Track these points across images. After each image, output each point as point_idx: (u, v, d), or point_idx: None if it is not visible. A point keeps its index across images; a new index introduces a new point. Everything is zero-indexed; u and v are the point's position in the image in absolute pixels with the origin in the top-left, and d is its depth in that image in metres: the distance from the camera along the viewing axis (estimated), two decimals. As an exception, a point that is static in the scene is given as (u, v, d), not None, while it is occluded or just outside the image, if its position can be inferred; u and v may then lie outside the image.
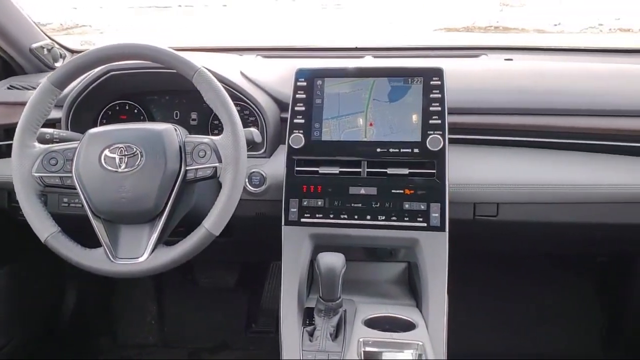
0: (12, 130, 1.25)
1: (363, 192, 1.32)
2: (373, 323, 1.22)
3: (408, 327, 1.21)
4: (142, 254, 1.18)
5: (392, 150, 1.32)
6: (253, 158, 1.42)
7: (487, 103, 1.46)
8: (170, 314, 2.25)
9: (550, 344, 2.04)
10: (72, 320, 2.10)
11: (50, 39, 1.90)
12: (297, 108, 1.37)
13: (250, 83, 1.48)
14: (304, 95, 1.37)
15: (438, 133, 1.31)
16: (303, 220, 1.32)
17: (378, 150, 1.33)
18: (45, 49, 1.86)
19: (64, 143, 1.26)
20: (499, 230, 1.46)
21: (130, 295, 2.25)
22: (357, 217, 1.31)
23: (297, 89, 1.38)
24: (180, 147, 1.20)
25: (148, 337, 2.23)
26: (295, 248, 1.31)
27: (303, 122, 1.36)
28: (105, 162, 1.18)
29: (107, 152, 1.19)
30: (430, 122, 1.32)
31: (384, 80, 1.37)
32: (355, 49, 1.89)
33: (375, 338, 1.17)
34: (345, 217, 1.31)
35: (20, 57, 1.82)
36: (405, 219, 1.29)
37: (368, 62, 1.69)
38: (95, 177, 1.18)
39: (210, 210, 1.17)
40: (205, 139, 1.21)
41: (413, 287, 1.41)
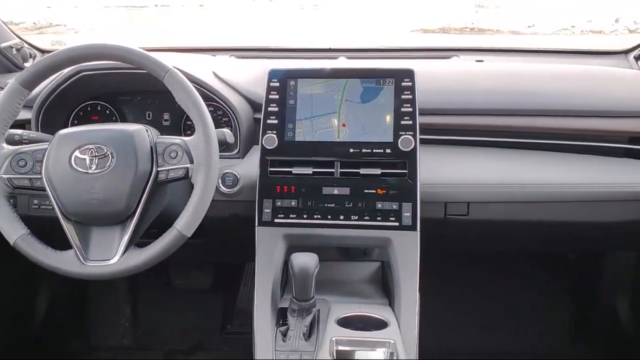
0: (-21, 132, 1.23)
1: (336, 192, 1.33)
2: (346, 322, 1.23)
3: (380, 325, 1.22)
4: (113, 256, 1.17)
5: (364, 151, 1.33)
6: (226, 159, 1.42)
7: (457, 104, 1.48)
8: (145, 316, 2.23)
9: (521, 340, 2.08)
10: (44, 324, 2.07)
11: (20, 39, 1.87)
12: (270, 109, 1.37)
13: (223, 83, 1.48)
14: (277, 96, 1.38)
15: (409, 134, 1.32)
16: (277, 221, 1.32)
17: (351, 151, 1.34)
18: (14, 49, 1.83)
19: (34, 144, 1.24)
20: (470, 229, 1.48)
21: (104, 298, 2.23)
22: (330, 217, 1.32)
23: (270, 90, 1.38)
24: (152, 147, 1.20)
25: (122, 339, 2.21)
26: (269, 249, 1.31)
27: (276, 122, 1.36)
28: (76, 163, 1.17)
29: (77, 153, 1.18)
30: (402, 122, 1.33)
31: (356, 82, 1.38)
32: (329, 50, 1.90)
33: (348, 337, 1.17)
34: (319, 217, 1.32)
35: (-12, 57, 1.79)
36: (378, 219, 1.30)
37: (341, 63, 1.69)
38: (66, 178, 1.17)
39: (182, 212, 1.16)
40: (177, 140, 1.20)
41: (386, 286, 1.42)
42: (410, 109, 1.33)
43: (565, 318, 2.11)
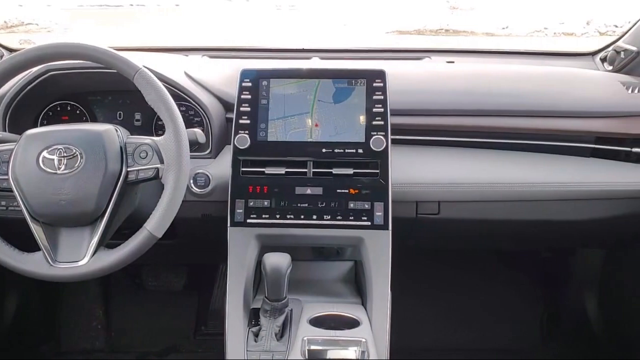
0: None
1: (309, 192, 1.33)
2: (318, 322, 1.23)
3: (352, 324, 1.23)
4: (82, 258, 1.16)
5: (337, 151, 1.34)
6: (198, 159, 1.41)
7: (428, 104, 1.50)
8: (117, 318, 2.21)
9: (493, 337, 2.11)
10: (13, 328, 2.03)
11: (-13, 38, 1.84)
12: (242, 108, 1.37)
13: (195, 83, 1.47)
14: (249, 96, 1.37)
15: (381, 134, 1.33)
16: (249, 221, 1.31)
17: (323, 151, 1.34)
18: (-19, 48, 1.80)
19: (0, 144, 1.22)
20: (441, 228, 1.49)
21: (76, 300, 2.19)
22: (303, 217, 1.32)
23: (242, 90, 1.38)
24: (122, 148, 1.19)
25: (94, 342, 2.17)
26: (241, 249, 1.31)
27: (248, 122, 1.36)
28: (44, 163, 1.16)
29: (45, 153, 1.16)
30: (374, 123, 1.34)
31: (329, 82, 1.38)
32: (302, 51, 1.90)
33: (319, 336, 1.18)
34: (292, 217, 1.32)
35: (-47, 56, 1.75)
36: (350, 218, 1.31)
37: (314, 63, 1.70)
38: (33, 179, 1.15)
39: (153, 212, 1.16)
40: (147, 140, 1.19)
41: (359, 285, 1.43)
42: (382, 110, 1.34)
43: (537, 315, 2.15)
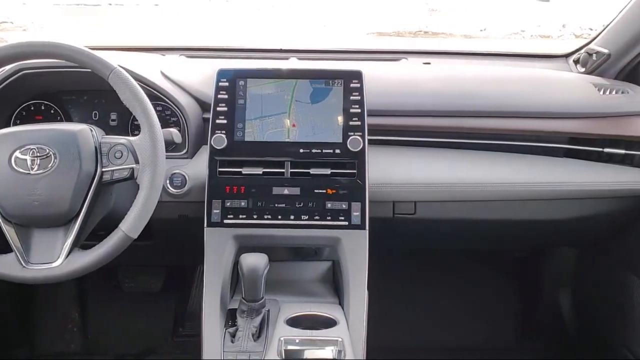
0: None
1: (286, 192, 1.33)
2: (295, 322, 1.23)
3: (329, 324, 1.23)
4: (56, 259, 1.15)
5: (314, 151, 1.34)
6: (174, 159, 1.40)
7: (404, 105, 1.51)
8: (94, 321, 2.17)
9: (470, 336, 2.13)
10: None
11: (-41, 36, 1.80)
12: (219, 108, 1.36)
13: (171, 83, 1.46)
14: (226, 96, 1.37)
15: (358, 134, 1.34)
16: (226, 222, 1.31)
17: (301, 151, 1.34)
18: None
19: None
20: (418, 228, 1.51)
21: (50, 302, 2.16)
22: (280, 217, 1.32)
23: (218, 90, 1.37)
24: (96, 148, 1.18)
25: (70, 345, 2.14)
26: (218, 250, 1.30)
27: (225, 122, 1.35)
28: (16, 164, 1.14)
29: (17, 153, 1.15)
30: (351, 123, 1.35)
31: (306, 82, 1.38)
32: (281, 51, 1.90)
33: (296, 336, 1.18)
34: (269, 217, 1.32)
35: None
36: (328, 218, 1.31)
37: (292, 63, 1.70)
38: (5, 179, 1.14)
39: (128, 213, 1.15)
40: (122, 140, 1.19)
41: (337, 285, 1.44)
42: (359, 110, 1.35)
43: (513, 314, 2.18)
